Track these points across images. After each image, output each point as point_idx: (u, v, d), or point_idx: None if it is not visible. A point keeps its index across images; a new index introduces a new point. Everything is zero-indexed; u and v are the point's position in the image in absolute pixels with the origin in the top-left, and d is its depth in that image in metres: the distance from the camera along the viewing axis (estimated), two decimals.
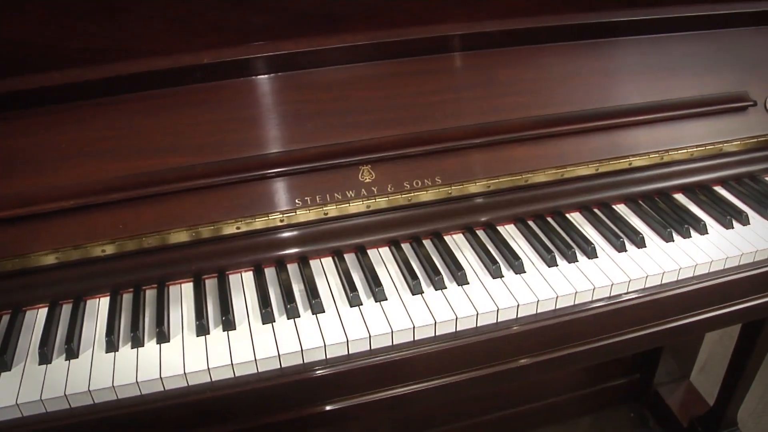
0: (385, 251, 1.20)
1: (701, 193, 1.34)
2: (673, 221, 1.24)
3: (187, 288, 1.13)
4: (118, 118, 1.12)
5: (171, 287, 1.14)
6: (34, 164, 1.08)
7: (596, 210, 1.30)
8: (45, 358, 0.99)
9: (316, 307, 1.06)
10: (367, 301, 1.08)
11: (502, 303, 1.06)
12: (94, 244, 1.09)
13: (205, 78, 1.14)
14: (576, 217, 1.29)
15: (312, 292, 1.08)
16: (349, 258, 1.18)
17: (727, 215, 1.25)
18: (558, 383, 2.04)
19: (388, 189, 1.18)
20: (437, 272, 1.11)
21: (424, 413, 1.90)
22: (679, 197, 1.34)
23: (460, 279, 1.11)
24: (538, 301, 1.07)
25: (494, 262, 1.13)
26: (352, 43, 1.17)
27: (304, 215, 1.14)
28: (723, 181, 1.38)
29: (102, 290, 1.12)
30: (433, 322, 1.04)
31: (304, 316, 1.06)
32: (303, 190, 1.15)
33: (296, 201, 1.14)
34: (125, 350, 1.01)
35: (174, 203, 1.11)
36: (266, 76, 1.17)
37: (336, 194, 1.16)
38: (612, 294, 1.12)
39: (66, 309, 1.09)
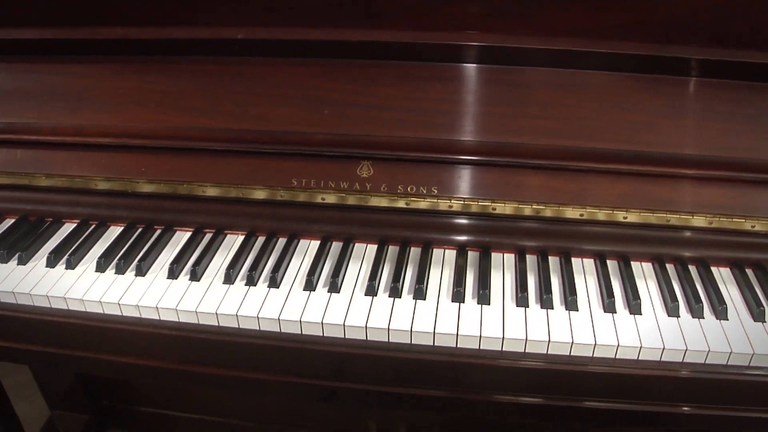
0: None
1: (755, 273, 1.13)
2: (691, 295, 1.07)
3: (182, 235, 1.26)
4: (168, 76, 1.27)
5: (175, 231, 1.28)
6: (95, 102, 1.27)
7: (610, 261, 1.16)
8: (50, 262, 1.18)
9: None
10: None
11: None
12: (126, 180, 1.26)
13: (242, 52, 1.24)
14: (586, 265, 1.16)
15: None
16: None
17: (763, 306, 1.04)
18: None
19: (382, 189, 1.18)
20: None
21: None
22: (723, 272, 1.14)
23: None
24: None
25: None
26: (386, 39, 1.19)
27: (291, 195, 1.21)
28: None
29: (120, 220, 1.29)
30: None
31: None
32: (299, 173, 1.20)
33: (293, 181, 1.20)
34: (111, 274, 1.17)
35: (190, 158, 1.24)
36: (300, 59, 1.24)
37: (330, 182, 1.19)
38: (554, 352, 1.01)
39: (92, 228, 1.28)
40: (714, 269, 1.14)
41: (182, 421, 1.99)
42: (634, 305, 1.05)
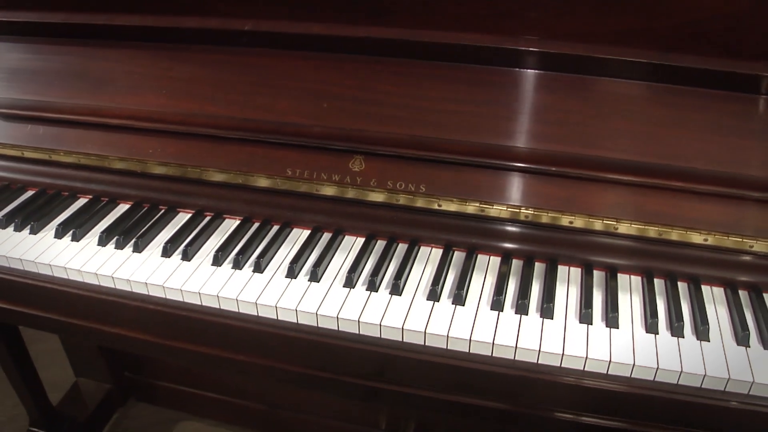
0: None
1: (749, 295, 1.08)
2: (673, 312, 1.03)
3: (184, 217, 1.31)
4: (181, 63, 1.32)
5: (178, 212, 1.33)
6: (112, 85, 1.34)
7: (597, 272, 1.13)
8: (58, 233, 1.26)
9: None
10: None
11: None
12: (136, 160, 1.32)
13: (250, 43, 1.28)
14: (571, 273, 1.14)
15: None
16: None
17: (748, 330, 0.99)
18: None
19: (372, 183, 1.19)
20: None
21: None
22: (715, 291, 1.09)
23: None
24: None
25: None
26: (389, 36, 1.20)
27: (289, 185, 1.24)
28: None
29: (129, 199, 1.36)
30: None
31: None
32: (294, 163, 1.23)
33: (287, 170, 1.23)
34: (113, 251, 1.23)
35: (195, 143, 1.29)
36: (305, 52, 1.26)
37: (323, 174, 1.21)
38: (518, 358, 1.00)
39: (101, 204, 1.35)
40: (706, 288, 1.10)
41: (198, 399, 2.06)
42: (611, 318, 1.02)
